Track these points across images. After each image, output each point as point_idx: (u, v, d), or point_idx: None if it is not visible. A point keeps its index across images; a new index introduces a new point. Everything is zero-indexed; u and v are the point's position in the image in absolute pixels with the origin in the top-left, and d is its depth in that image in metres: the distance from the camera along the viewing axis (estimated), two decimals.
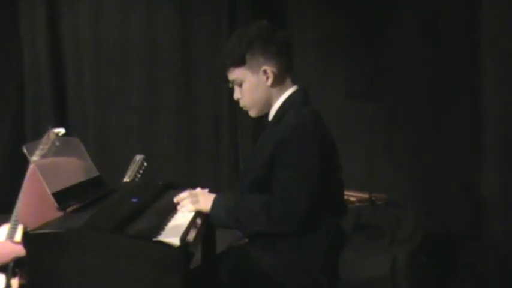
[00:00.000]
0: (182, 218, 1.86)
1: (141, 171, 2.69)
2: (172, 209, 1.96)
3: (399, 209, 3.43)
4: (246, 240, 2.00)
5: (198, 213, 1.92)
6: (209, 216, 1.90)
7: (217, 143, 4.78)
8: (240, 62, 1.92)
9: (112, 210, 1.85)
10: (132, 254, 1.53)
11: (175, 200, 1.97)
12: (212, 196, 1.91)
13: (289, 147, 1.79)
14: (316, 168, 1.78)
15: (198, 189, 2.06)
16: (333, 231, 1.89)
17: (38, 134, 2.83)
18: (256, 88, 1.93)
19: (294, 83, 1.98)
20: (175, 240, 1.57)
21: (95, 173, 2.16)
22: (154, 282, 1.51)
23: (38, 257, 1.54)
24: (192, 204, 1.93)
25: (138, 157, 2.73)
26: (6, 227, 2.70)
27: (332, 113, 3.31)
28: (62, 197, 1.82)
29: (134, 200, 2.00)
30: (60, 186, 1.85)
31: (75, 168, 2.07)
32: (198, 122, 4.79)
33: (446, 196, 3.79)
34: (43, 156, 2.40)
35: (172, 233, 1.66)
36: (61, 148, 2.19)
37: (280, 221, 1.77)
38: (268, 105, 1.97)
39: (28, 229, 1.62)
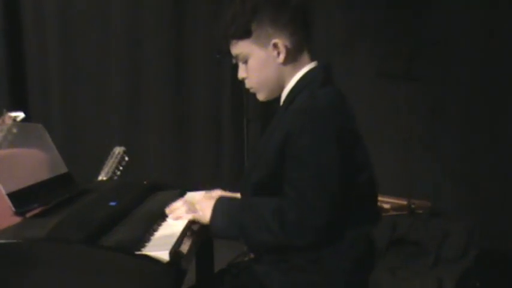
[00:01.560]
0: (172, 226, 1.89)
1: (121, 168, 2.70)
2: (160, 215, 1.99)
3: (446, 220, 3.42)
4: (251, 255, 2.11)
5: (192, 222, 1.96)
6: (209, 226, 1.92)
7: (217, 133, 4.82)
8: (245, 34, 1.93)
9: (84, 216, 1.87)
10: (109, 271, 1.54)
11: (167, 210, 2.01)
12: (211, 201, 1.94)
13: (300, 139, 1.81)
14: (336, 165, 1.80)
15: (193, 194, 2.10)
16: (361, 246, 1.91)
17: None
18: (264, 65, 1.95)
19: (312, 59, 1.99)
20: (164, 254, 1.58)
21: (62, 168, 2.18)
22: None
23: None
24: (187, 213, 1.96)
25: (118, 149, 2.75)
26: None
27: (359, 97, 3.29)
28: (20, 198, 1.83)
29: (112, 203, 2.02)
30: (18, 185, 1.86)
31: (37, 163, 2.08)
32: (193, 108, 4.83)
33: (506, 205, 3.78)
34: None
35: (160, 245, 1.67)
36: (19, 137, 2.17)
37: (295, 231, 1.79)
38: (280, 86, 1.99)
39: None
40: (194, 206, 1.97)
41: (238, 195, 2.05)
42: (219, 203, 1.93)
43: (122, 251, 1.59)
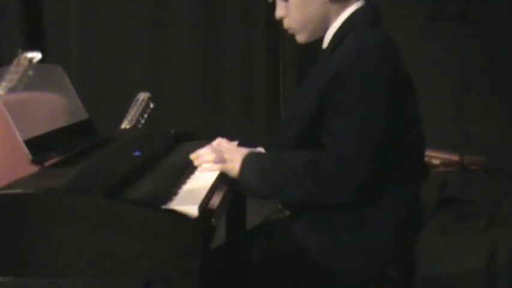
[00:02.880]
0: (201, 179, 1.89)
1: (145, 115, 2.71)
2: (189, 167, 1.99)
3: (504, 178, 3.39)
4: (287, 213, 2.06)
5: (223, 175, 1.96)
6: (237, 181, 1.93)
7: (250, 79, 4.79)
8: None
9: (106, 167, 1.88)
10: (133, 226, 1.54)
11: (192, 156, 2.00)
12: (242, 153, 1.94)
13: (345, 86, 1.80)
14: (384, 116, 1.81)
15: (223, 142, 2.09)
16: (407, 205, 1.91)
17: (4, 60, 2.81)
18: (308, 2, 1.94)
19: None
20: (192, 209, 1.58)
21: (83, 115, 2.19)
22: (162, 264, 1.53)
23: (5, 225, 1.57)
24: (214, 163, 1.95)
25: (142, 95, 2.75)
26: None
27: (409, 43, 3.25)
28: (37, 146, 1.83)
29: (136, 153, 2.03)
30: (35, 131, 1.86)
31: (55, 108, 2.08)
32: (223, 51, 4.80)
33: None
34: (11, 90, 2.33)
35: (188, 199, 1.67)
36: (36, 79, 2.17)
37: (330, 188, 1.81)
38: (324, 27, 1.98)
39: None
40: (223, 156, 1.96)
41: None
42: (249, 156, 1.93)
43: (146, 205, 1.59)
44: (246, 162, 1.91)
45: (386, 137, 1.81)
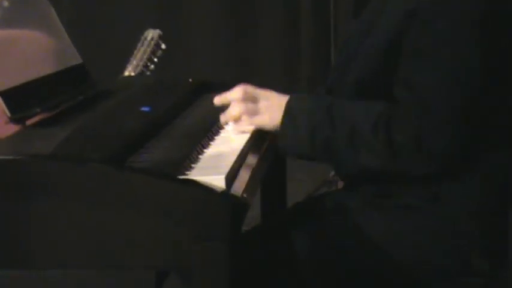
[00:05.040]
0: (229, 141, 1.92)
1: (155, 59, 2.70)
2: (212, 127, 2.01)
3: None
4: (340, 185, 2.15)
5: (257, 134, 1.97)
6: (278, 138, 1.93)
7: (292, 12, 4.78)
8: None
9: (105, 127, 1.90)
10: (141, 203, 1.53)
11: (217, 101, 2.01)
12: (283, 98, 1.95)
13: (427, 23, 1.82)
14: (478, 63, 1.82)
15: (249, 88, 2.04)
16: (498, 183, 1.92)
17: None
18: None
19: None
20: (218, 180, 1.57)
21: (75, 59, 2.20)
22: (179, 251, 1.53)
23: None
24: (248, 116, 1.94)
25: (151, 33, 2.76)
26: None
27: None
28: (17, 99, 1.83)
29: (145, 108, 2.04)
30: (13, 80, 1.86)
31: (40, 50, 2.09)
32: None
33: None
34: None
35: (213, 168, 1.68)
36: (15, 13, 2.16)
37: (407, 154, 1.82)
38: None
39: None
40: (257, 105, 1.97)
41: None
42: (294, 102, 1.93)
43: (158, 175, 1.58)
44: (290, 109, 1.92)
45: (483, 91, 1.82)
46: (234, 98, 1.98)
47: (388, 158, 1.83)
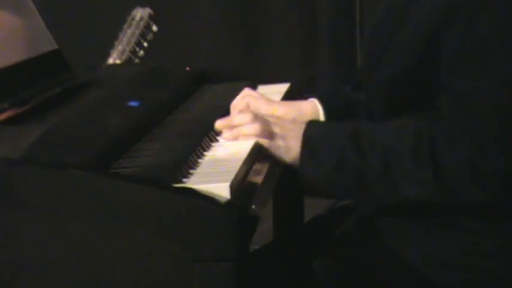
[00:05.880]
0: (234, 143, 1.90)
1: (145, 43, 2.69)
2: (213, 125, 1.98)
3: None
4: None
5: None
6: (298, 173, 1.89)
7: None
8: None
9: (86, 125, 1.88)
10: (131, 215, 1.50)
11: (220, 125, 1.96)
12: (300, 125, 1.91)
13: (473, 18, 1.79)
14: None
15: (253, 97, 2.07)
16: None
17: None
18: None
19: None
20: (222, 189, 1.54)
21: (49, 45, 2.21)
22: (176, 272, 1.51)
23: None
24: (259, 134, 1.89)
25: (139, 13, 2.74)
26: None
27: None
28: None
29: (132, 103, 2.05)
30: None
31: (7, 34, 2.08)
32: None
33: None
34: None
35: (215, 174, 1.65)
36: None
37: (462, 180, 1.78)
38: None
39: None
40: (270, 127, 1.92)
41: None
42: (312, 131, 1.89)
43: (149, 183, 1.55)
44: (309, 140, 1.88)
45: None
46: (242, 122, 1.94)
47: (434, 187, 1.79)
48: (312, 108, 2.12)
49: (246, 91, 2.12)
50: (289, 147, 1.89)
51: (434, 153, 1.78)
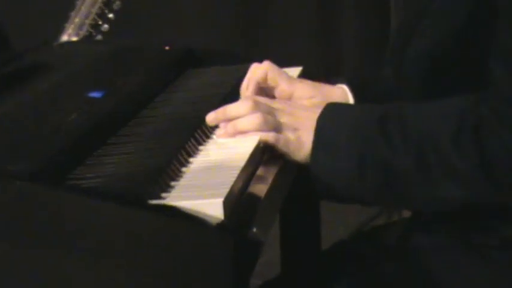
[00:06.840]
0: (227, 148, 1.83)
1: (110, 15, 2.61)
2: (200, 122, 1.93)
3: None
4: (408, 213, 2.06)
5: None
6: (310, 171, 1.80)
7: None
8: None
9: (34, 122, 1.85)
10: (93, 240, 1.45)
11: (211, 118, 1.89)
12: (315, 111, 1.82)
13: None
14: None
15: (272, 70, 1.98)
16: None
17: None
18: None
19: None
20: (213, 206, 1.45)
21: None
22: None
23: None
24: (261, 131, 1.80)
25: None
26: None
27: None
28: None
29: (94, 94, 2.00)
30: None
31: None
32: None
33: None
34: None
35: (204, 187, 1.57)
36: None
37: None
38: None
39: None
40: (275, 117, 1.84)
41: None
42: (327, 119, 1.80)
43: (118, 199, 1.48)
44: (323, 130, 1.79)
45: None
46: (240, 113, 1.85)
47: (481, 181, 1.70)
48: (341, 97, 2.02)
49: (267, 62, 1.99)
50: (301, 141, 1.79)
51: (481, 138, 1.69)
